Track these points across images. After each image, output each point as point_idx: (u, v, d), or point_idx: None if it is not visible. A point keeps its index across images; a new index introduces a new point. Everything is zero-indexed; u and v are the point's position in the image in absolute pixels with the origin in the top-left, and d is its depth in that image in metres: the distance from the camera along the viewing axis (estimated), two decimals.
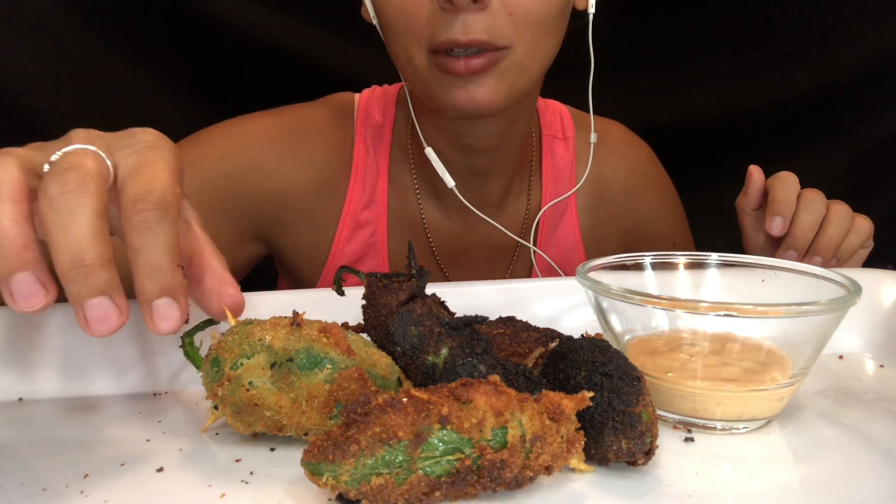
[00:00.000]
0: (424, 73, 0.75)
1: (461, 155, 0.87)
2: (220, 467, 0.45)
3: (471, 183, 0.90)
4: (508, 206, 0.95)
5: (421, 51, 0.73)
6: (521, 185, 0.96)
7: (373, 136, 0.92)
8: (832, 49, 1.35)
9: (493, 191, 0.92)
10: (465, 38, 0.69)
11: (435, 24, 0.71)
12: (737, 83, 1.39)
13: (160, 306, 0.41)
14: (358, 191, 0.90)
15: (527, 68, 0.75)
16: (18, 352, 0.59)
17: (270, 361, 0.45)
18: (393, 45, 0.77)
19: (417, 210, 0.93)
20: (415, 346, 0.47)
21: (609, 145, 1.00)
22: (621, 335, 0.54)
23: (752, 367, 0.50)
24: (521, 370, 0.47)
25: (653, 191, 1.04)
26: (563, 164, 0.97)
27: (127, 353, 0.60)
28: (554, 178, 0.97)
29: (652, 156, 1.05)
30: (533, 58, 0.75)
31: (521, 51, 0.73)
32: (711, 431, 0.49)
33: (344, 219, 0.90)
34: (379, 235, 0.91)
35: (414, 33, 0.73)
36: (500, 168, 0.91)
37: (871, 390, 0.56)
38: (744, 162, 1.51)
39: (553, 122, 0.99)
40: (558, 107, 1.02)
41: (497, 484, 0.39)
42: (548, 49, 0.77)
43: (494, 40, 0.70)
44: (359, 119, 0.92)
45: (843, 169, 1.41)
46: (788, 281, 0.56)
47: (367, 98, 0.94)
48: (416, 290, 0.50)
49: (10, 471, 0.45)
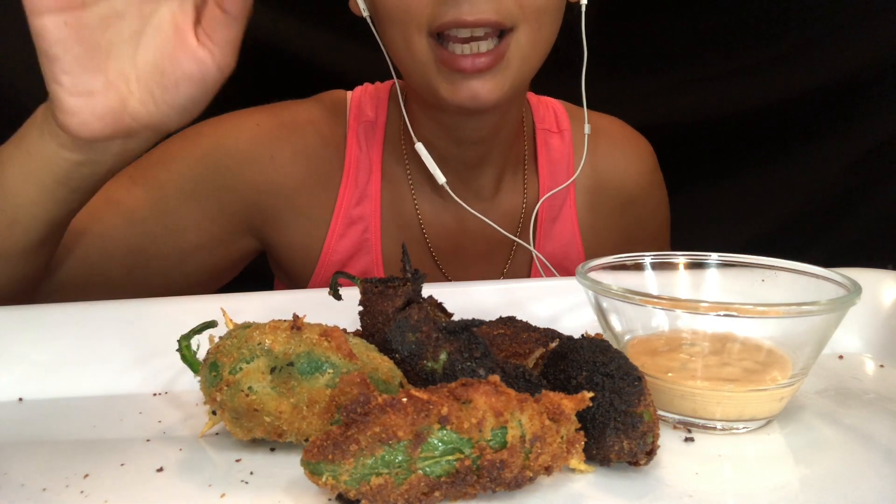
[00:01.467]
0: (425, 62, 0.74)
1: (455, 147, 0.87)
2: (220, 467, 0.45)
3: (464, 175, 0.90)
4: (504, 200, 0.95)
5: (421, 36, 0.72)
6: (515, 178, 0.96)
7: (365, 133, 0.92)
8: (832, 49, 1.35)
9: (487, 183, 0.92)
10: (473, 17, 0.69)
11: (437, 7, 0.70)
12: (736, 83, 1.39)
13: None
14: (351, 186, 0.90)
15: (529, 57, 0.75)
16: (18, 352, 0.60)
17: (270, 366, 0.45)
18: (391, 34, 0.76)
19: (412, 205, 0.93)
20: (413, 353, 0.47)
21: (609, 140, 0.99)
22: (621, 335, 0.54)
23: (752, 367, 0.50)
24: (520, 372, 0.46)
25: (654, 195, 1.04)
26: (559, 156, 0.97)
27: (127, 353, 0.60)
28: (550, 171, 0.97)
29: (653, 155, 1.05)
30: (535, 44, 0.75)
31: (524, 35, 0.73)
32: (711, 431, 0.49)
33: (337, 215, 0.90)
34: (372, 232, 0.91)
35: (414, 17, 0.72)
36: (493, 159, 0.91)
37: (871, 390, 0.56)
38: (743, 162, 1.51)
39: (546, 115, 0.99)
40: (551, 102, 1.02)
41: (497, 484, 0.39)
42: (547, 36, 0.77)
43: (502, 20, 0.70)
44: (351, 115, 0.93)
45: (843, 169, 1.41)
46: (788, 281, 0.56)
47: (359, 95, 0.95)
48: (413, 294, 0.50)
49: (10, 471, 0.45)
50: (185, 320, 0.52)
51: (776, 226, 1.45)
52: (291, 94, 0.96)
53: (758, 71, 1.38)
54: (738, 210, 1.46)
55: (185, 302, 0.64)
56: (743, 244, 1.32)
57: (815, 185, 1.42)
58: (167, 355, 0.57)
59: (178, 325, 0.51)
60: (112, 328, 0.61)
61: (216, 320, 0.49)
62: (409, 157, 0.92)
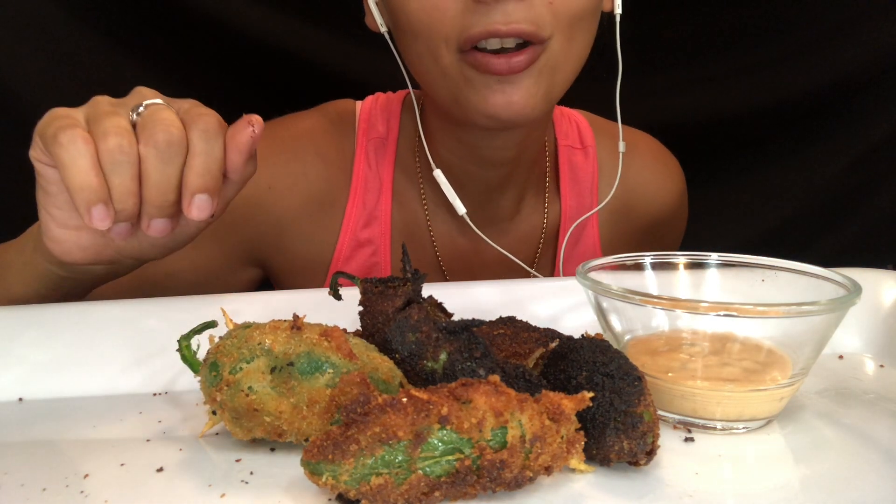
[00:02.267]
0: (454, 75, 0.69)
1: (476, 168, 0.83)
2: (220, 467, 0.45)
3: (484, 199, 0.85)
4: (524, 221, 0.90)
5: (450, 51, 0.68)
6: (536, 197, 0.90)
7: (375, 149, 0.87)
8: (832, 49, 1.34)
9: (507, 203, 0.88)
10: (507, 27, 0.64)
11: (466, 18, 0.65)
12: (737, 83, 1.39)
13: (201, 199, 0.53)
14: (358, 207, 0.86)
15: (562, 68, 0.71)
16: (18, 352, 0.60)
17: (270, 366, 0.45)
18: (416, 49, 0.71)
19: (426, 226, 0.88)
20: (413, 353, 0.47)
21: (640, 158, 0.94)
22: (621, 335, 0.54)
23: (752, 367, 0.50)
24: (520, 372, 0.46)
25: (680, 217, 1.00)
26: (584, 175, 0.92)
27: (127, 353, 0.60)
28: (574, 192, 0.91)
29: (682, 174, 0.99)
30: (568, 55, 0.70)
31: (557, 45, 0.68)
32: (711, 431, 0.49)
33: (343, 237, 0.86)
34: (382, 255, 0.87)
35: (441, 31, 0.67)
36: (515, 180, 0.86)
37: (871, 390, 0.56)
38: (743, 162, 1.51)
39: (570, 131, 0.94)
40: (573, 114, 0.97)
41: (497, 484, 0.39)
42: (581, 48, 0.72)
43: (539, 30, 0.66)
44: (360, 130, 0.88)
45: (843, 169, 1.41)
46: (788, 281, 0.56)
47: (369, 107, 0.89)
48: (413, 294, 0.50)
49: (10, 471, 0.45)
50: (185, 320, 0.52)
51: (776, 226, 1.45)
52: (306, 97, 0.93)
53: (758, 71, 1.37)
54: (738, 210, 1.46)
55: (185, 302, 0.64)
56: (743, 244, 1.32)
57: (815, 185, 1.42)
58: (167, 355, 0.57)
59: (178, 325, 0.51)
60: (112, 328, 0.61)
61: (216, 320, 0.49)
62: (424, 175, 0.87)
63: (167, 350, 0.59)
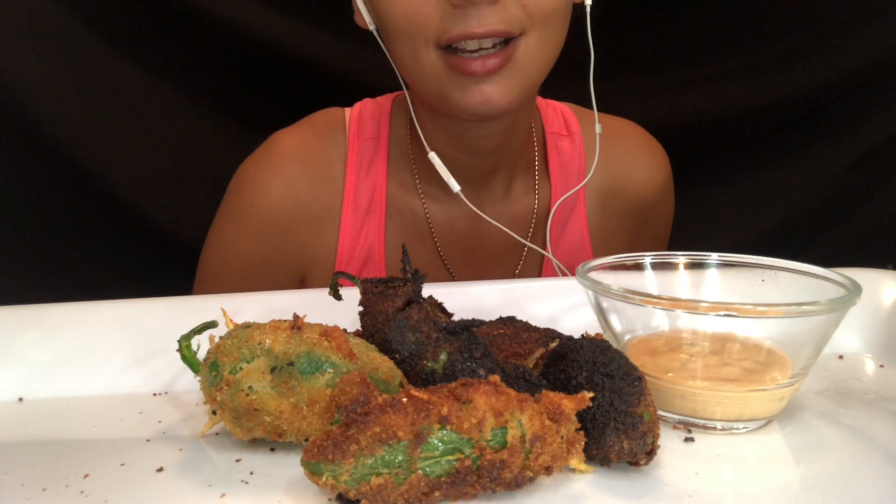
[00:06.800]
0: (435, 73, 0.74)
1: (465, 157, 0.87)
2: (220, 467, 0.45)
3: (475, 182, 0.90)
4: (515, 203, 0.94)
5: (429, 50, 0.73)
6: (526, 181, 0.95)
7: (368, 149, 0.91)
8: (832, 49, 1.34)
9: (498, 187, 0.92)
10: (482, 29, 0.69)
11: (445, 21, 0.70)
12: (736, 83, 1.39)
13: None
14: (349, 212, 0.90)
15: (538, 61, 0.75)
16: (18, 352, 0.60)
17: (270, 366, 0.45)
18: (399, 48, 0.76)
19: (423, 213, 0.92)
20: (413, 353, 0.47)
21: (624, 143, 0.98)
22: (621, 335, 0.54)
23: (752, 367, 0.50)
24: (520, 373, 0.46)
25: (666, 200, 1.03)
26: (570, 158, 0.96)
27: (127, 353, 0.60)
28: (562, 174, 0.96)
29: (667, 160, 1.03)
30: (544, 48, 0.75)
31: (533, 38, 0.73)
32: (711, 431, 0.49)
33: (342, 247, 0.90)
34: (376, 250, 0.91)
35: (422, 32, 0.72)
36: (504, 166, 0.91)
37: (871, 390, 0.56)
38: (743, 162, 1.51)
39: (555, 119, 0.98)
40: (559, 106, 1.01)
41: (497, 484, 0.39)
42: (555, 40, 0.77)
43: (511, 29, 0.71)
44: (351, 134, 0.91)
45: (843, 169, 1.41)
46: (788, 281, 0.56)
47: (358, 112, 0.93)
48: (413, 295, 0.50)
49: (10, 471, 0.45)
50: (185, 320, 0.52)
51: (776, 226, 1.45)
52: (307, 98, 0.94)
53: (758, 71, 1.38)
54: (738, 210, 1.46)
55: (185, 302, 0.65)
56: (743, 244, 1.32)
57: (815, 185, 1.42)
58: (167, 355, 0.57)
59: (178, 325, 0.51)
60: (112, 328, 0.61)
61: (216, 320, 0.49)
62: (418, 164, 0.91)
63: (167, 350, 0.59)
